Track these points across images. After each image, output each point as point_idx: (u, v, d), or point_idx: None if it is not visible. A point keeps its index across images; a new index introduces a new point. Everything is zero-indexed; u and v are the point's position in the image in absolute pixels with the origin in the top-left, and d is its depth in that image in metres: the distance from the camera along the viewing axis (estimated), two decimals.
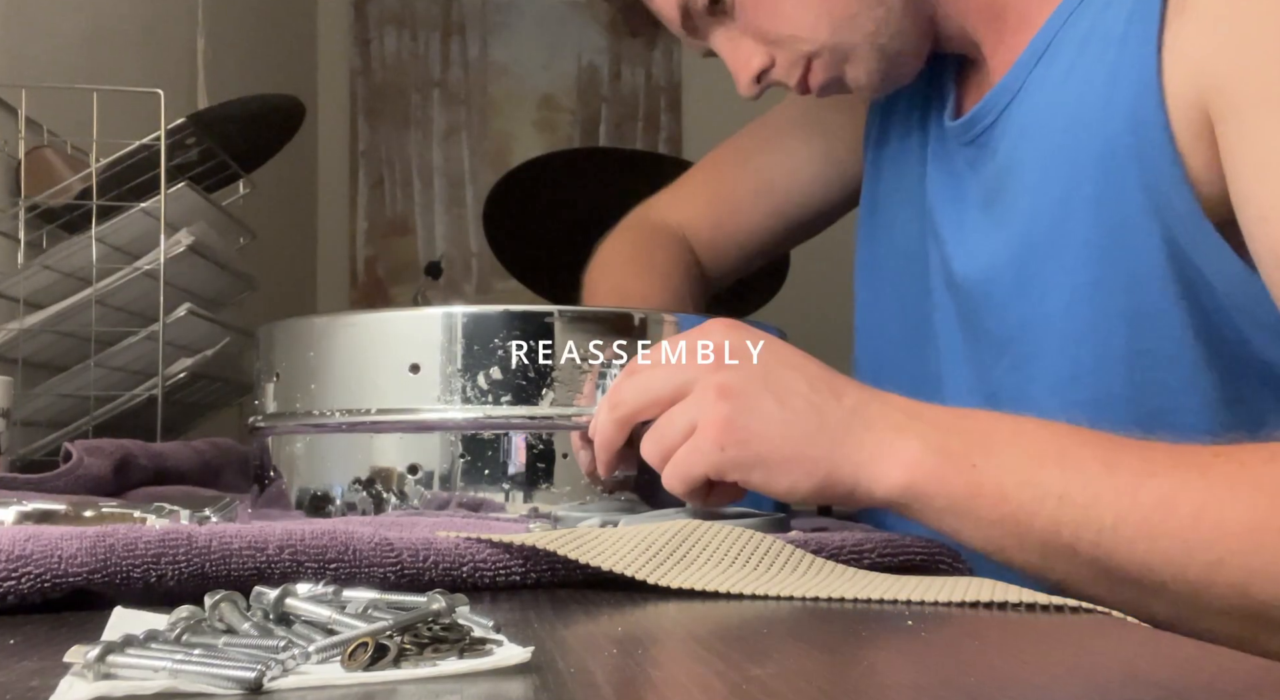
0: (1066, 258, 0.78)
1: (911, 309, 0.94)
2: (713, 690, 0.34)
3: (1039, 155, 0.80)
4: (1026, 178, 0.81)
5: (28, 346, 1.19)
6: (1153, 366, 0.76)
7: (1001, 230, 0.83)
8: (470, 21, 3.37)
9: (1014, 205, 0.82)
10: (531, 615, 0.46)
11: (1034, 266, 0.80)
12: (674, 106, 3.42)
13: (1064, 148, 0.78)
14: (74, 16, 1.57)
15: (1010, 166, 0.83)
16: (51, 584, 0.45)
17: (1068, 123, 0.78)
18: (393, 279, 3.30)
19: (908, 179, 0.96)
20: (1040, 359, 0.80)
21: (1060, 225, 0.78)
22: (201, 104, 1.99)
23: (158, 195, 1.20)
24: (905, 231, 0.95)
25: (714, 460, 0.63)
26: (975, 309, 0.86)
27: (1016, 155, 0.83)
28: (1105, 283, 0.76)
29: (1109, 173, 0.75)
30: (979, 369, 0.87)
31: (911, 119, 0.97)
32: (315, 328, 0.73)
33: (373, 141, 3.32)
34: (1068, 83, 0.79)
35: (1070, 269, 0.78)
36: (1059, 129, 0.79)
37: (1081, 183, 0.77)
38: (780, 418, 0.63)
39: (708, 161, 1.18)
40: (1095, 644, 0.42)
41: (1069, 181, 0.78)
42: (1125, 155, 0.74)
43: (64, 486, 0.89)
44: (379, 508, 0.70)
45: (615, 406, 0.66)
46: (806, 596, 0.50)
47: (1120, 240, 0.75)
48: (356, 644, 0.34)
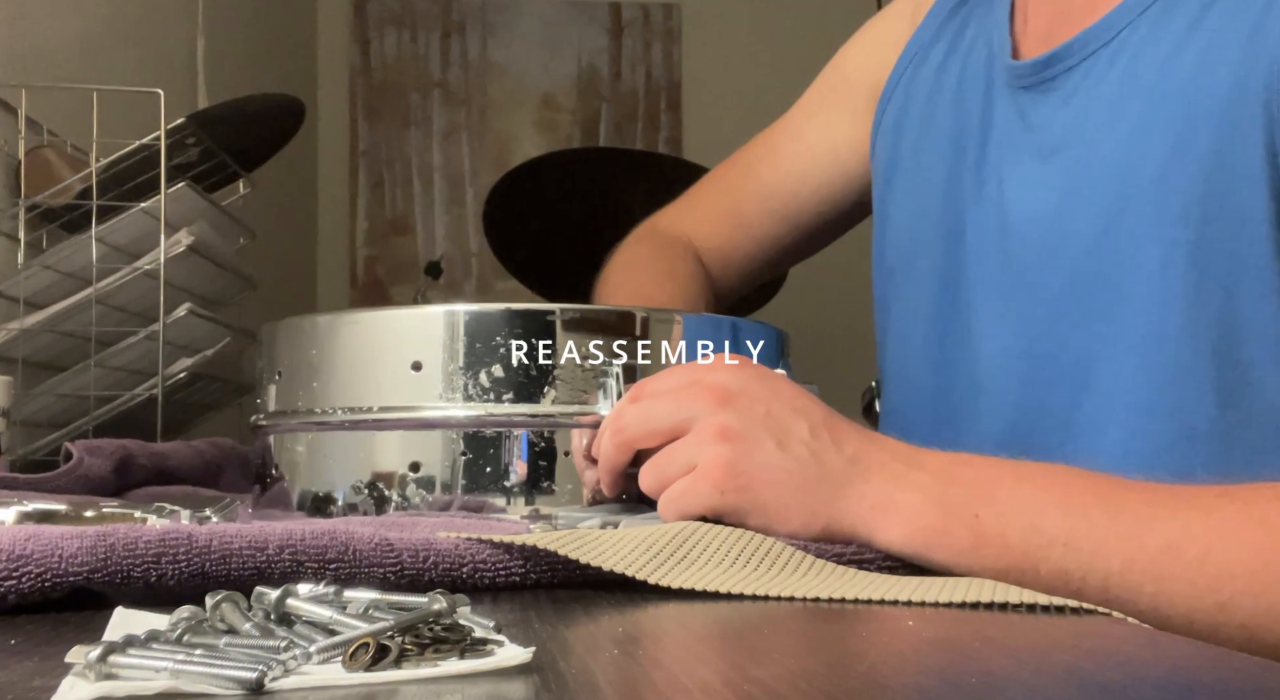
0: (1167, 214, 0.74)
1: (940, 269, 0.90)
2: (713, 690, 0.34)
3: (1145, 100, 0.77)
4: (1124, 126, 0.77)
5: (28, 346, 1.19)
6: (1243, 335, 0.73)
7: (1074, 180, 0.79)
8: (470, 21, 3.37)
9: (1097, 154, 0.78)
10: (532, 615, 0.46)
11: (1126, 221, 0.76)
12: (674, 106, 3.42)
13: (1180, 96, 0.75)
14: (74, 16, 1.57)
15: (1099, 120, 0.79)
16: (52, 583, 0.45)
17: (1191, 69, 0.74)
18: (393, 279, 3.31)
19: (938, 134, 0.92)
20: (1120, 318, 0.76)
21: (1165, 179, 0.74)
22: (201, 104, 1.99)
23: (158, 195, 1.20)
24: (933, 186, 0.91)
25: (712, 502, 0.63)
26: (1030, 265, 0.82)
27: (1111, 103, 0.79)
28: (1207, 243, 0.73)
29: (1233, 128, 0.72)
30: (1024, 326, 0.83)
31: (950, 61, 0.93)
32: (318, 326, 0.73)
33: (373, 141, 3.32)
34: (1195, 32, 0.75)
35: (1171, 224, 0.74)
36: (1178, 75, 0.75)
37: (1199, 134, 0.73)
38: (780, 464, 0.63)
39: (714, 174, 1.17)
40: (1095, 644, 0.42)
41: (1183, 131, 0.74)
42: (1255, 111, 0.71)
43: (64, 486, 0.89)
44: (381, 505, 0.70)
45: (618, 432, 0.66)
46: (807, 596, 0.50)
47: (1230, 201, 0.72)
48: (358, 644, 0.34)
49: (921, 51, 0.97)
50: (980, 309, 0.86)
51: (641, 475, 0.65)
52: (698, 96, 3.42)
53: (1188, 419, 0.73)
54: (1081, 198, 0.79)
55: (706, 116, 3.41)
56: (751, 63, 3.40)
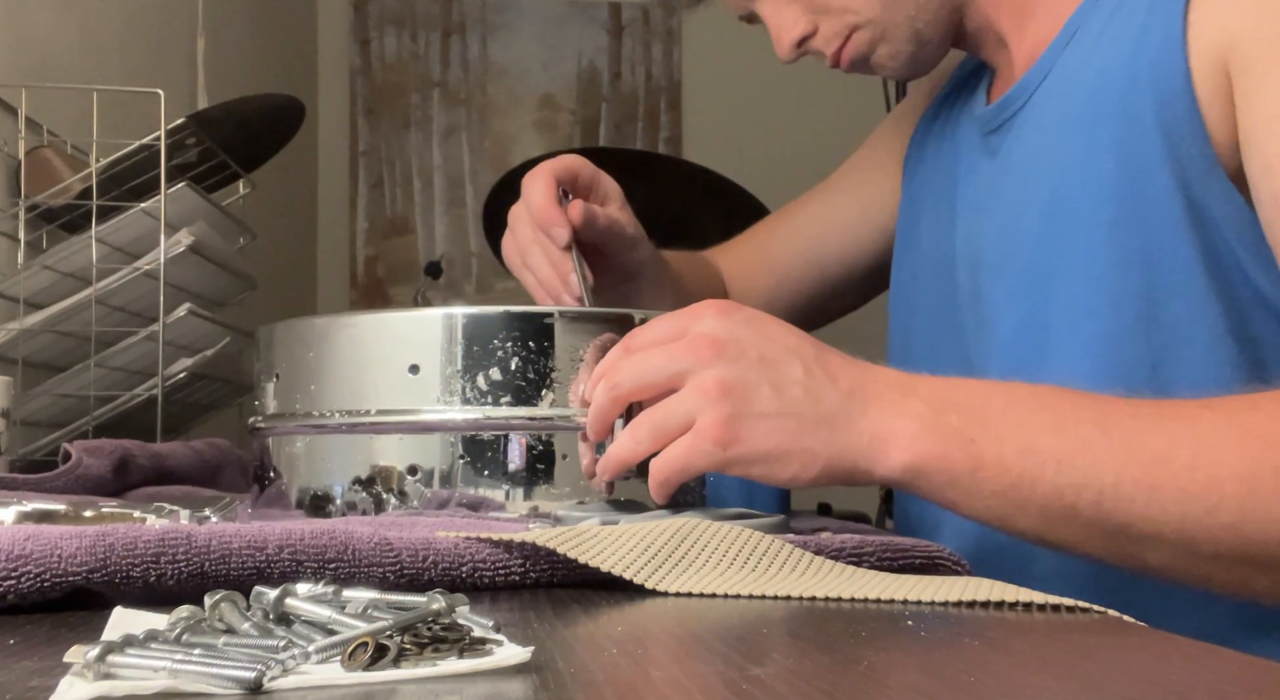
0: (1088, 199, 0.81)
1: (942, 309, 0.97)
2: (713, 690, 0.34)
3: (1065, 112, 0.85)
4: (1052, 136, 0.85)
5: (28, 346, 1.19)
6: (1164, 300, 0.79)
7: (1027, 196, 0.87)
8: (470, 21, 3.37)
9: (1039, 168, 0.86)
10: (531, 615, 0.46)
11: (1058, 210, 0.83)
12: (674, 106, 3.42)
13: (1089, 101, 0.82)
14: (74, 16, 1.57)
15: (1037, 140, 0.87)
16: (51, 583, 0.45)
17: (1095, 77, 0.83)
18: (393, 279, 3.31)
19: (940, 182, 1.00)
20: (1058, 297, 0.83)
21: (1083, 169, 0.82)
22: (201, 104, 1.99)
23: (158, 195, 1.20)
24: (934, 234, 0.99)
25: (717, 459, 0.64)
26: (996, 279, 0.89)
27: (1045, 125, 0.87)
28: (1123, 221, 0.80)
29: (1130, 117, 0.79)
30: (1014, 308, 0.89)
31: (947, 125, 1.01)
32: (315, 328, 0.73)
33: (373, 141, 3.32)
34: (1097, 47, 0.84)
35: (1091, 208, 0.81)
36: (1086, 84, 0.83)
37: (1104, 127, 0.81)
38: (779, 410, 0.64)
39: (759, 222, 1.24)
40: (1095, 644, 0.42)
41: (1092, 127, 0.82)
42: (1146, 100, 0.78)
43: (64, 486, 0.89)
44: (379, 508, 0.70)
45: (613, 386, 0.67)
46: (806, 596, 0.50)
47: (1138, 182, 0.79)
48: (356, 644, 0.34)
49: (933, 108, 1.06)
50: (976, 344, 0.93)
51: (634, 426, 0.66)
52: (698, 96, 3.42)
53: (1121, 381, 0.78)
54: (1029, 202, 0.87)
55: (706, 116, 3.41)
56: (751, 63, 3.39)
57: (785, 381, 0.65)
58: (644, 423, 0.66)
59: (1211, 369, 0.77)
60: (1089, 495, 0.63)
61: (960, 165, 0.97)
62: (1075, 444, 0.64)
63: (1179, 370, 0.78)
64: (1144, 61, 0.79)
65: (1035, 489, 0.64)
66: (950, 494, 0.65)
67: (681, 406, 0.65)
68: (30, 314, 1.20)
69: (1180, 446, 0.63)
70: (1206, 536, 0.63)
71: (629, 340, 0.68)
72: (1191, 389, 0.77)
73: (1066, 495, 0.63)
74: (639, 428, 0.66)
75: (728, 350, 0.65)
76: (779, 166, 2.90)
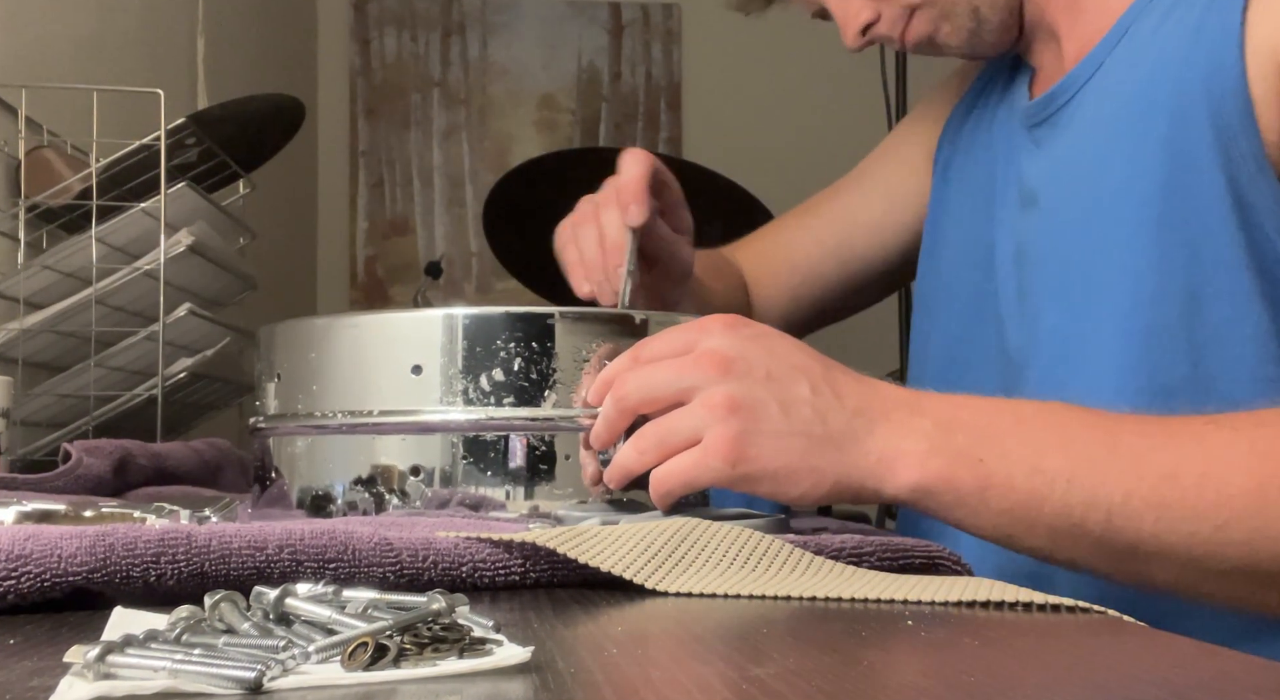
0: (1135, 195, 0.81)
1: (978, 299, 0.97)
2: (713, 690, 0.34)
3: (1116, 108, 0.85)
4: (1101, 131, 0.86)
5: (28, 346, 1.19)
6: (1208, 298, 0.79)
7: (1073, 190, 0.87)
8: (470, 21, 3.37)
9: (1086, 163, 0.86)
10: (531, 615, 0.46)
11: (1105, 206, 0.83)
12: (674, 106, 3.42)
13: (1140, 97, 0.83)
14: (74, 16, 1.57)
15: (1085, 134, 0.87)
16: (51, 583, 0.45)
17: (1147, 74, 0.83)
18: (393, 279, 3.31)
19: (977, 175, 1.00)
20: (1101, 292, 0.83)
21: (1131, 166, 0.82)
22: (201, 104, 1.99)
23: (158, 195, 1.20)
24: (971, 226, 0.99)
25: (724, 475, 0.64)
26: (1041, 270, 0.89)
27: (1093, 120, 0.87)
28: (1169, 217, 0.80)
29: (1182, 115, 0.79)
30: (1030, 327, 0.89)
31: (981, 121, 1.02)
32: (316, 329, 0.73)
33: (373, 141, 3.32)
34: (1150, 44, 0.84)
35: (1137, 204, 0.81)
36: (1138, 81, 0.83)
37: (1154, 124, 0.81)
38: (787, 429, 0.64)
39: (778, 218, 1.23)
40: (1095, 644, 0.42)
41: (1142, 124, 0.82)
42: (1199, 99, 0.79)
43: (64, 486, 0.89)
44: (380, 507, 0.70)
45: (620, 399, 0.66)
46: (806, 596, 0.50)
47: (1186, 180, 0.79)
48: (356, 644, 0.34)
49: (964, 108, 1.06)
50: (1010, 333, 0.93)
51: (639, 437, 0.66)
52: (698, 96, 3.42)
53: (1161, 378, 0.78)
54: (1075, 196, 0.86)
55: (706, 116, 3.41)
56: (751, 63, 3.40)
57: (793, 400, 0.65)
58: (649, 435, 0.65)
59: (1253, 368, 0.77)
60: (1097, 514, 0.63)
61: (998, 159, 0.97)
62: (1083, 463, 0.64)
63: (1220, 368, 0.78)
64: (1198, 60, 0.79)
65: (1044, 508, 0.64)
66: (958, 513, 0.65)
67: (688, 421, 0.64)
68: (30, 314, 1.20)
69: (1189, 464, 0.63)
70: (1215, 554, 0.62)
71: (637, 350, 0.68)
72: (1231, 387, 0.77)
73: (1075, 514, 0.63)
74: (644, 439, 0.66)
75: (735, 367, 0.65)
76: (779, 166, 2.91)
